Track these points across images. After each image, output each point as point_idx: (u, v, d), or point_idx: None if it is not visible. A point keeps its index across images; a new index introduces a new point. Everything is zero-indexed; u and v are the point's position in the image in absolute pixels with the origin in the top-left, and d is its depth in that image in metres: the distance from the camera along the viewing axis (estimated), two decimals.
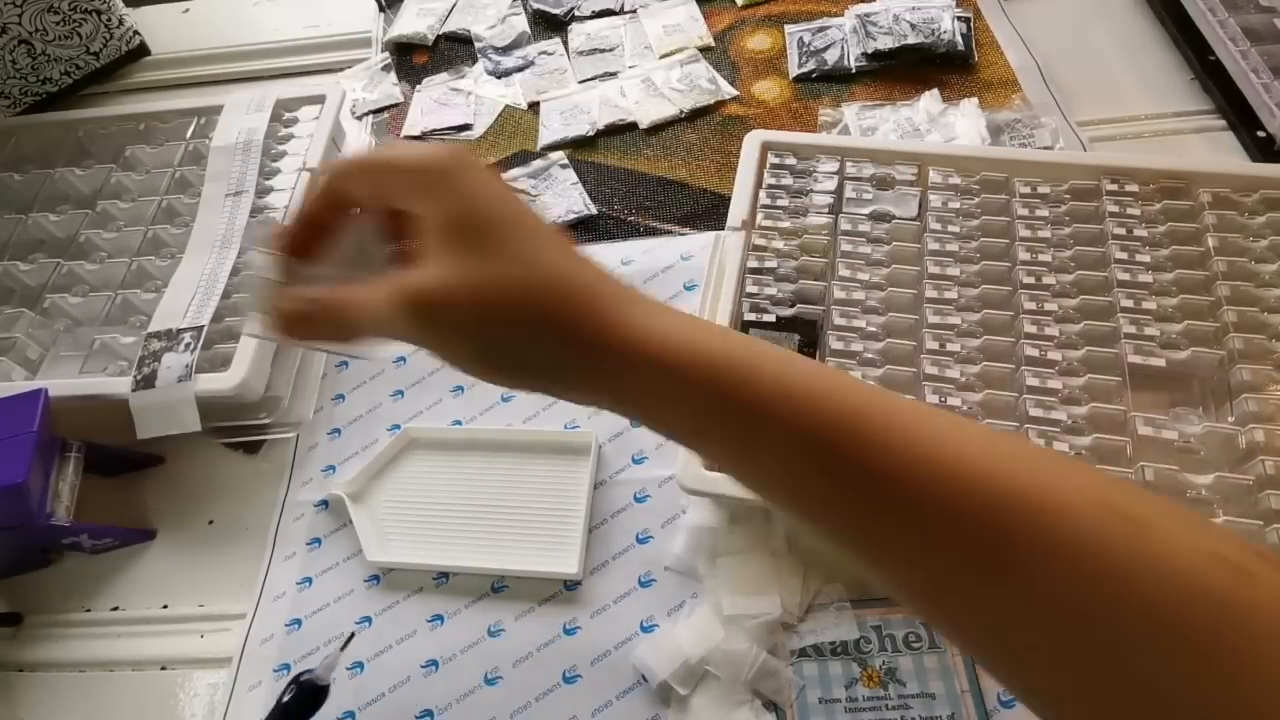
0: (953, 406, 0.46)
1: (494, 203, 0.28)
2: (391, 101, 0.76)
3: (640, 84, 0.73)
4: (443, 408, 0.56)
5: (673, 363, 0.26)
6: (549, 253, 0.28)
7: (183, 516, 0.54)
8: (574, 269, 0.28)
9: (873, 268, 0.53)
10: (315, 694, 0.38)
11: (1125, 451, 0.44)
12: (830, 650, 0.43)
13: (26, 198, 0.65)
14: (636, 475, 0.51)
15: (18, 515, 0.46)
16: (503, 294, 0.27)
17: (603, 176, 0.67)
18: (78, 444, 0.50)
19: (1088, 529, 0.22)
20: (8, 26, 0.72)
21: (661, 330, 0.27)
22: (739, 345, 0.27)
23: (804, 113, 0.69)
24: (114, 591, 0.51)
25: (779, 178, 0.57)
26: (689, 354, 0.26)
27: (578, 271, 0.28)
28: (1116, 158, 0.57)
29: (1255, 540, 0.41)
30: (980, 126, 0.64)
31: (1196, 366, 0.47)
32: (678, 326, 0.27)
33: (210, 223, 0.60)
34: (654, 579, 0.47)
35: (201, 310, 0.54)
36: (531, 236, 0.28)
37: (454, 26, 0.80)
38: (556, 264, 0.27)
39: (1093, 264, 0.51)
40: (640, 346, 0.26)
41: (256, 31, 0.84)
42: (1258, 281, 0.49)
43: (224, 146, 0.64)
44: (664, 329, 0.27)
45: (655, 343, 0.26)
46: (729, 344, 0.27)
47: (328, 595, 0.49)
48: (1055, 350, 0.48)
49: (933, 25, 0.70)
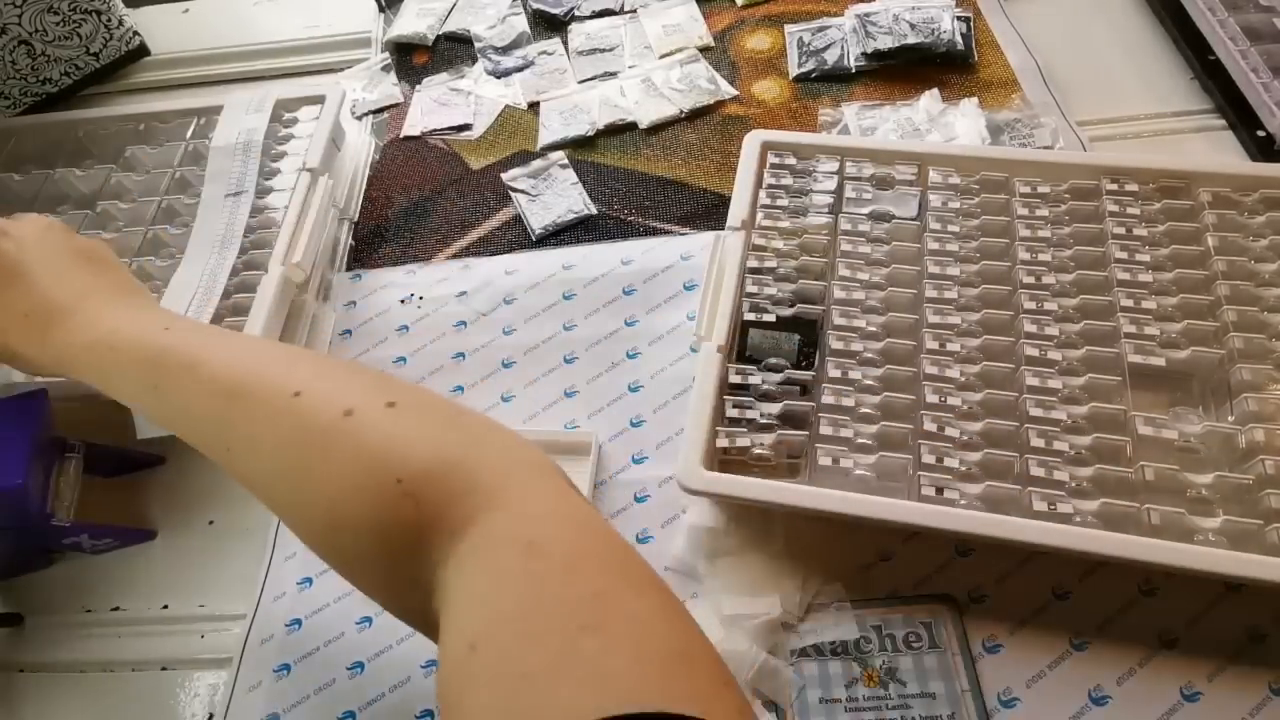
0: (953, 406, 0.46)
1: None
2: (391, 102, 0.76)
3: (640, 84, 0.73)
4: None
5: (105, 349, 0.40)
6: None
7: (183, 516, 0.54)
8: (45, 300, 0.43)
9: (873, 267, 0.53)
10: None
11: (1125, 451, 0.44)
12: (830, 650, 0.43)
13: (26, 198, 0.65)
14: (636, 475, 0.51)
15: (18, 516, 0.46)
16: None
17: (603, 176, 0.67)
18: (78, 444, 0.50)
19: (286, 407, 0.34)
20: (8, 27, 0.72)
21: (109, 326, 0.40)
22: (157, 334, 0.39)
23: (804, 113, 0.69)
24: (114, 592, 0.51)
25: (779, 177, 0.57)
26: (124, 341, 0.39)
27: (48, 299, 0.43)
28: (1116, 157, 0.57)
29: (1256, 539, 0.41)
30: (980, 126, 0.64)
31: (1196, 366, 0.47)
32: (130, 323, 0.41)
33: (210, 223, 0.60)
34: None
35: (201, 310, 0.54)
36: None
37: (454, 26, 0.80)
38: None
39: (1093, 263, 0.51)
40: (83, 335, 0.41)
41: (256, 31, 0.84)
42: (1258, 281, 0.49)
43: (224, 147, 0.64)
44: (112, 325, 0.40)
45: (97, 335, 0.40)
46: (158, 338, 0.39)
47: (328, 595, 0.49)
48: (1055, 350, 0.48)
49: (932, 25, 0.70)
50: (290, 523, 0.35)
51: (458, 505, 0.30)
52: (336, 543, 0.33)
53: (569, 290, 0.60)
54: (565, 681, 0.23)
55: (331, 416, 0.33)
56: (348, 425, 0.33)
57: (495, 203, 0.67)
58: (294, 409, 0.34)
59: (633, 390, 0.55)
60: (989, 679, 0.42)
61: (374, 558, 0.32)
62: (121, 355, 0.39)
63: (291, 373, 0.36)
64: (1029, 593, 0.44)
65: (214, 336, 0.41)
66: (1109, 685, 0.41)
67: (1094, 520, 0.42)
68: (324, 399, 0.34)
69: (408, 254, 0.65)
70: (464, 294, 0.61)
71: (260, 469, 0.35)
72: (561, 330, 0.58)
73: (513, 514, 0.30)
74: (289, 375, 0.35)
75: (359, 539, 0.32)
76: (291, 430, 0.34)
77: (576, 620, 0.25)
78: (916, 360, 0.48)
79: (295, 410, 0.34)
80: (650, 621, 0.26)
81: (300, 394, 0.34)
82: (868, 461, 0.45)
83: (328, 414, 0.33)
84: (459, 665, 0.26)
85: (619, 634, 0.25)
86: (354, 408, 0.33)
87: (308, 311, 0.59)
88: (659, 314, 0.58)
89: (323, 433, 0.33)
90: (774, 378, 0.48)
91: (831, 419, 0.47)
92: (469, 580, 0.29)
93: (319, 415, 0.33)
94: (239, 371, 0.36)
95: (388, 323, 0.60)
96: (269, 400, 0.35)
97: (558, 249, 0.63)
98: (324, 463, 0.33)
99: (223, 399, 0.36)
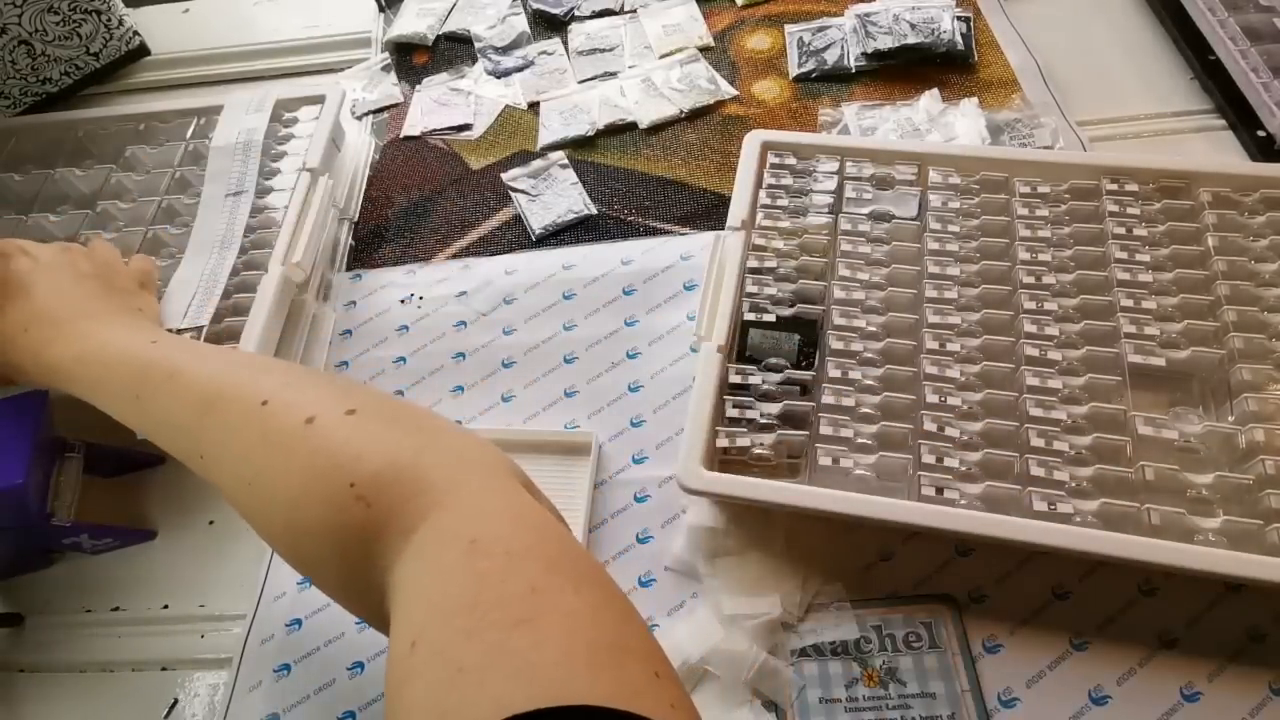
0: (953, 406, 0.46)
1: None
2: (391, 102, 0.76)
3: (640, 84, 0.73)
4: (442, 407, 0.56)
5: (94, 361, 0.42)
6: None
7: (183, 516, 0.54)
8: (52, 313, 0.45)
9: (873, 267, 0.53)
10: None
11: (1125, 451, 0.44)
12: (830, 650, 0.43)
13: (26, 198, 0.65)
14: (636, 475, 0.51)
15: (18, 515, 0.46)
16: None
17: (603, 176, 0.67)
18: (78, 444, 0.50)
19: (254, 415, 0.35)
20: (7, 27, 0.72)
21: (100, 340, 0.43)
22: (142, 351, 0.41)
23: (804, 112, 0.69)
24: (114, 591, 0.51)
25: (779, 177, 0.57)
26: (112, 354, 0.42)
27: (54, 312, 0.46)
28: (1116, 157, 0.57)
29: (1256, 539, 0.41)
30: (980, 126, 0.64)
31: (1196, 366, 0.47)
32: (120, 337, 0.43)
33: (210, 223, 0.60)
34: (654, 579, 0.47)
35: (201, 310, 0.54)
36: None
37: (454, 26, 0.80)
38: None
39: (1093, 263, 0.51)
40: (75, 348, 0.43)
41: (256, 31, 0.84)
42: (1258, 281, 0.49)
43: (224, 147, 0.64)
44: (103, 340, 0.43)
45: (87, 347, 0.43)
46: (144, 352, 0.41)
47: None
48: (1055, 350, 0.48)
49: (933, 25, 0.70)
50: (256, 527, 0.35)
51: (408, 507, 0.31)
52: (297, 546, 0.34)
53: (569, 290, 0.60)
54: (495, 675, 0.24)
55: (294, 423, 0.34)
56: (308, 432, 0.33)
57: (495, 203, 0.67)
58: (260, 416, 0.35)
59: (633, 390, 0.55)
60: (989, 679, 0.42)
61: (331, 561, 0.32)
62: (109, 367, 0.41)
63: (260, 382, 0.37)
64: (1029, 593, 0.44)
65: (196, 350, 0.42)
66: (1109, 685, 0.41)
67: (1094, 520, 0.42)
68: (288, 407, 0.35)
69: (408, 254, 0.65)
70: (464, 294, 0.61)
71: (229, 474, 0.36)
72: (561, 330, 0.58)
73: (460, 513, 0.30)
74: (258, 384, 0.36)
75: (317, 542, 0.32)
76: (257, 437, 0.34)
77: (512, 615, 0.26)
78: (916, 360, 0.48)
79: (261, 417, 0.35)
80: (585, 616, 0.26)
81: (267, 402, 0.35)
82: (868, 461, 0.45)
83: (291, 421, 0.34)
84: (401, 662, 0.26)
85: (551, 628, 0.25)
86: (316, 415, 0.34)
87: (308, 311, 0.59)
88: (659, 314, 0.58)
89: (285, 439, 0.34)
90: (774, 378, 0.48)
91: (831, 419, 0.47)
92: (414, 578, 0.29)
93: (282, 422, 0.34)
94: (215, 382, 0.38)
95: (388, 323, 0.60)
96: (238, 408, 0.36)
97: (558, 249, 0.63)
98: (285, 469, 0.33)
99: (197, 408, 0.37)
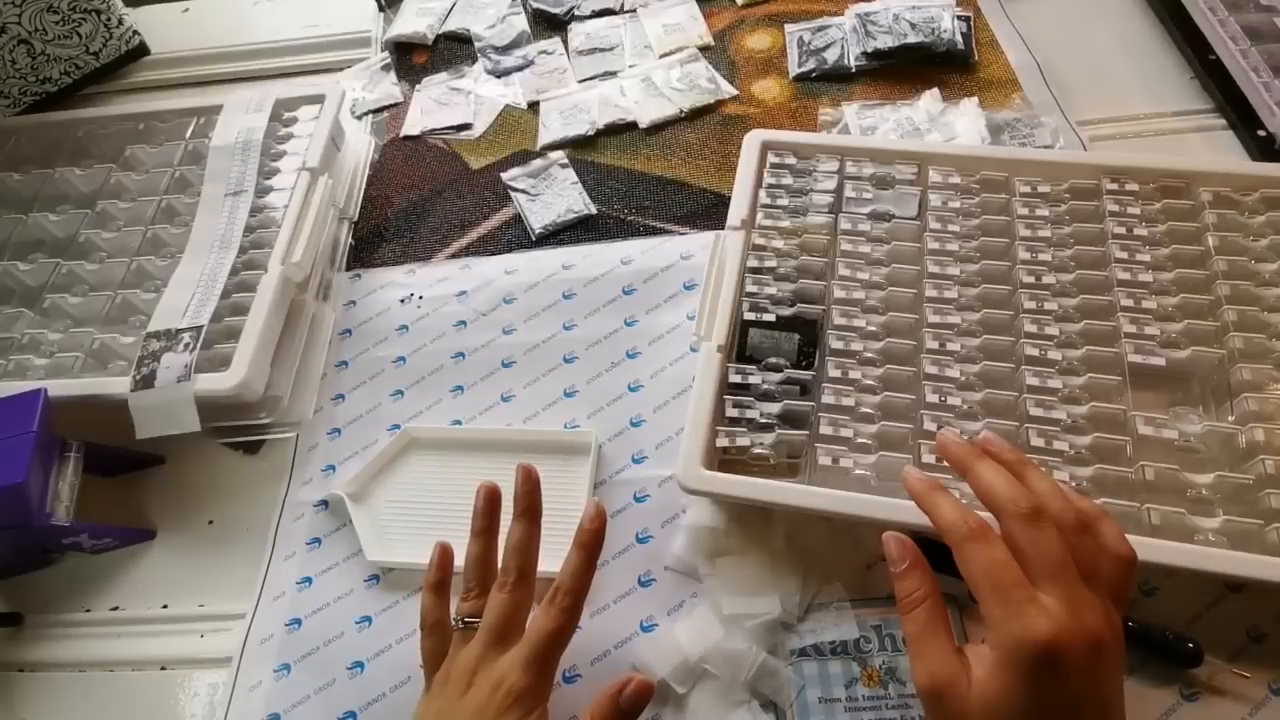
0: (953, 406, 0.46)
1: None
2: (391, 101, 0.76)
3: (640, 83, 0.73)
4: (442, 408, 0.56)
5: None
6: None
7: (183, 516, 0.54)
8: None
9: (873, 267, 0.53)
10: None
11: (1125, 451, 0.44)
12: (830, 650, 0.43)
13: (26, 198, 0.65)
14: (636, 475, 0.51)
15: (18, 515, 0.46)
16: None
17: (602, 176, 0.67)
18: (78, 444, 0.50)
19: None
20: (7, 26, 0.72)
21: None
22: None
23: (804, 112, 0.69)
24: (114, 591, 0.51)
25: (779, 177, 0.57)
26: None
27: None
28: (1116, 157, 0.57)
29: (1256, 539, 0.41)
30: (980, 126, 0.64)
31: (1196, 366, 0.47)
32: None
33: (210, 223, 0.60)
34: (654, 578, 0.47)
35: (201, 310, 0.54)
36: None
37: (454, 26, 0.80)
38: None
39: (1093, 263, 0.51)
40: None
41: (256, 31, 0.84)
42: (1258, 281, 0.49)
43: (223, 146, 0.64)
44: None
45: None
46: None
47: (328, 595, 0.49)
48: (1055, 350, 0.48)
49: (933, 24, 0.70)
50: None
51: None
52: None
53: (569, 290, 0.60)
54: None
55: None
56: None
57: (495, 202, 0.67)
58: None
59: (632, 390, 0.55)
60: None
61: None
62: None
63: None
64: None
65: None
66: None
67: None
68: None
69: (408, 254, 0.65)
70: (464, 294, 0.61)
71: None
72: (561, 330, 0.58)
73: None
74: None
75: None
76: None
77: None
78: (916, 360, 0.48)
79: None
80: None
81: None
82: (868, 461, 0.45)
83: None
84: None
85: None
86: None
87: (307, 311, 0.59)
88: (659, 314, 0.58)
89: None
90: (774, 377, 0.48)
91: (831, 419, 0.47)
92: None
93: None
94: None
95: (388, 322, 0.60)
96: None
97: (558, 249, 0.63)
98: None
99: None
